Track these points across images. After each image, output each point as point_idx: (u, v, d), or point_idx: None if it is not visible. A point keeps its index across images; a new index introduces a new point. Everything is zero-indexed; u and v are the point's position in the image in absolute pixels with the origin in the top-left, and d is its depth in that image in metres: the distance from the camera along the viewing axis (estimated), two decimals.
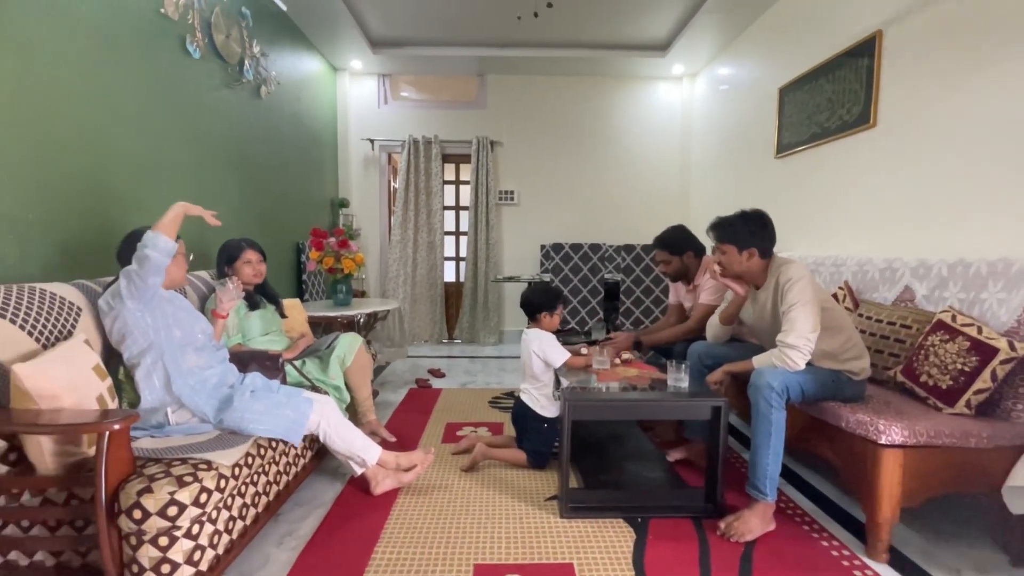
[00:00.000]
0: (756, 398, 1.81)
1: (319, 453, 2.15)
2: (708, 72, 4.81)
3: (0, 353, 1.36)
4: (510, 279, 4.71)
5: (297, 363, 2.32)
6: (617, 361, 2.29)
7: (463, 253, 5.47)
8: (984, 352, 1.71)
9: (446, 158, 5.30)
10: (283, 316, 2.53)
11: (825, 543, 1.75)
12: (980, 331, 1.75)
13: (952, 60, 2.25)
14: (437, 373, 3.98)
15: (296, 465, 1.91)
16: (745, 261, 2.00)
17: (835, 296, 2.49)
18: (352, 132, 5.14)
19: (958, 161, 2.22)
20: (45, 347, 1.48)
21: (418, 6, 3.98)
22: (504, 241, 5.29)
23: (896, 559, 1.66)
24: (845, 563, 1.64)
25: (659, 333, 2.66)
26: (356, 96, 5.14)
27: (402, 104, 5.21)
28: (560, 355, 2.18)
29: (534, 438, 2.25)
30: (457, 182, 5.53)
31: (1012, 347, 1.66)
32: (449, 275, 5.45)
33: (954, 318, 1.86)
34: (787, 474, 2.27)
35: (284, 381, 2.11)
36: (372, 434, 2.44)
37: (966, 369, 1.73)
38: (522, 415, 2.27)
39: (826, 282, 2.69)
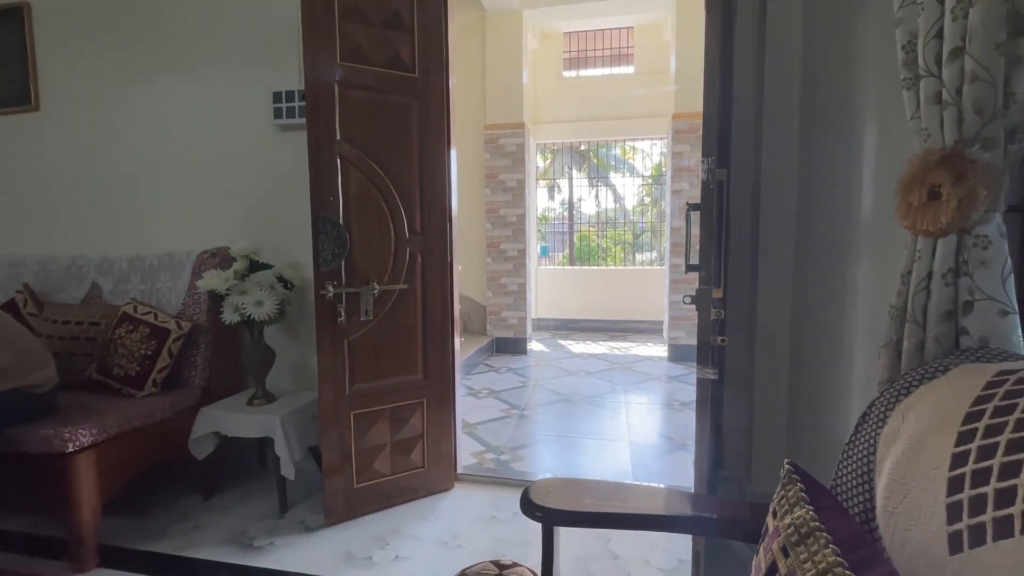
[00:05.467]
0: None
1: None
2: None
3: None
4: None
5: None
6: None
7: None
8: (160, 335, 1.96)
9: None
10: None
11: None
12: (157, 317, 1.99)
13: (112, 52, 2.34)
14: None
15: None
16: None
17: (14, 302, 2.13)
18: None
19: (128, 161, 2.37)
20: None
21: None
22: None
23: (108, 556, 1.67)
24: None
25: None
26: None
27: None
28: None
29: None
30: None
31: (180, 326, 1.99)
32: None
33: (136, 309, 2.01)
34: None
35: None
36: None
37: (149, 353, 1.93)
38: None
39: (2, 287, 2.25)
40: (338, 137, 1.77)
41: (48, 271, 2.25)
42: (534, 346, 4.98)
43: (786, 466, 0.66)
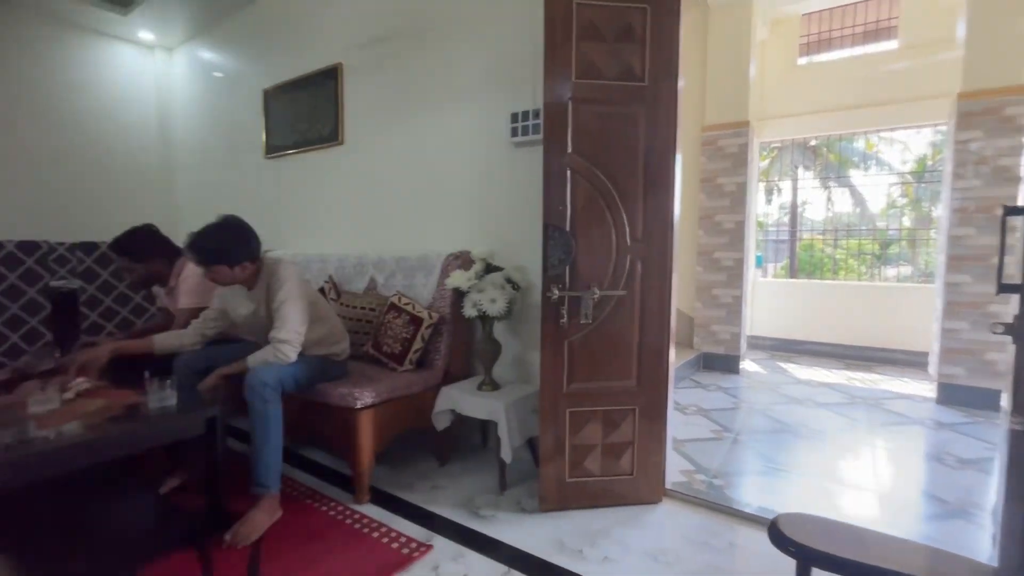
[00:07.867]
0: (252, 398, 1.83)
1: None
2: (188, 51, 4.35)
3: None
4: None
5: None
6: (70, 395, 1.77)
7: None
8: (416, 322, 2.37)
9: None
10: None
11: (325, 507, 1.99)
12: (414, 307, 2.41)
13: (391, 94, 2.95)
14: None
15: None
16: (240, 274, 1.97)
17: (323, 289, 2.83)
18: None
19: (397, 180, 2.95)
20: None
21: None
22: None
23: (376, 496, 2.09)
24: (339, 517, 1.92)
25: (141, 343, 2.19)
26: None
27: None
28: None
29: None
30: None
31: (431, 316, 2.38)
32: None
33: (400, 299, 2.47)
34: (287, 456, 2.41)
35: None
36: None
37: (407, 336, 2.35)
38: None
39: (315, 277, 3.00)
40: (569, 151, 1.89)
41: (343, 266, 2.93)
42: (747, 366, 4.51)
43: None
